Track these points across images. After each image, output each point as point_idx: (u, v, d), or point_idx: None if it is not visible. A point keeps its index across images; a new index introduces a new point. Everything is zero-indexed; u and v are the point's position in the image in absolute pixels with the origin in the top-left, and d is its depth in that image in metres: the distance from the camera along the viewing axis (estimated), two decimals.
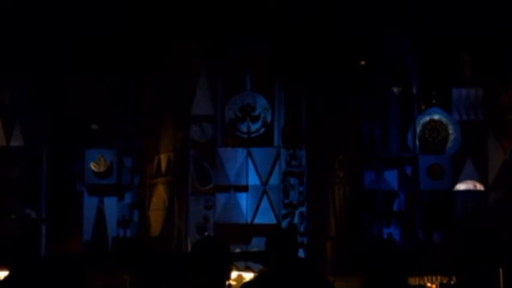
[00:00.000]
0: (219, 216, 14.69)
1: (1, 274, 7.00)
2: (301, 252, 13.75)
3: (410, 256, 14.23)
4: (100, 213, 15.47)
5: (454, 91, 15.55)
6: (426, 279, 13.28)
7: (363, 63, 15.52)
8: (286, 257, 5.52)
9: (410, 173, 15.48)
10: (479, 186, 15.27)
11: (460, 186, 15.32)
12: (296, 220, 14.69)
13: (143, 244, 14.66)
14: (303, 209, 14.75)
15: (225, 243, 5.33)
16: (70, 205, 15.59)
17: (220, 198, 14.76)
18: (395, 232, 15.26)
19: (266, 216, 14.62)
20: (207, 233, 14.42)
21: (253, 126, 14.86)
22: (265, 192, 14.74)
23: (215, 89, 15.09)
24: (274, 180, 14.76)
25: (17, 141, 15.41)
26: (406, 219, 15.37)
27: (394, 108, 15.68)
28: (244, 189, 14.74)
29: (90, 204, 15.48)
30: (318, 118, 15.02)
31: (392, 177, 15.50)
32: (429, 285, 13.30)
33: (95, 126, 15.68)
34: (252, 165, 14.75)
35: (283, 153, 14.82)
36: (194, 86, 15.08)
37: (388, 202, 15.44)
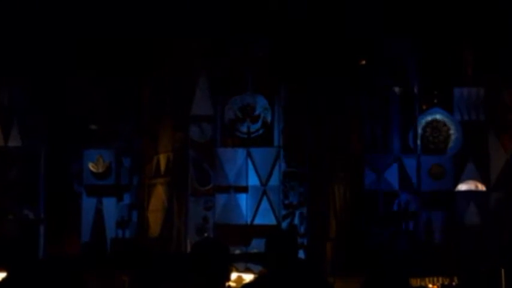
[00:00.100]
0: (218, 217, 14.70)
1: None
2: (302, 253, 13.75)
3: (412, 257, 14.23)
4: (98, 213, 15.48)
5: (456, 91, 15.56)
6: (428, 281, 13.29)
7: (363, 63, 15.53)
8: (286, 258, 5.53)
9: (412, 173, 15.47)
10: (481, 187, 15.27)
11: (462, 186, 15.32)
12: (296, 221, 14.70)
13: (142, 245, 14.74)
14: (303, 209, 14.76)
15: (224, 244, 5.34)
16: (68, 206, 15.59)
17: (220, 198, 14.77)
18: (395, 232, 15.25)
19: (266, 217, 14.63)
20: (206, 234, 14.43)
21: (253, 127, 14.87)
22: (265, 193, 14.75)
23: (215, 89, 15.09)
24: (274, 180, 14.77)
25: (14, 141, 15.42)
26: (407, 220, 15.36)
27: (395, 108, 15.67)
28: (244, 189, 14.74)
29: (88, 204, 15.48)
30: (318, 118, 15.02)
31: (393, 178, 15.49)
32: (430, 286, 13.31)
33: (94, 127, 15.68)
34: (252, 166, 14.76)
35: (283, 154, 14.83)
36: (194, 86, 15.09)
37: (389, 203, 15.44)
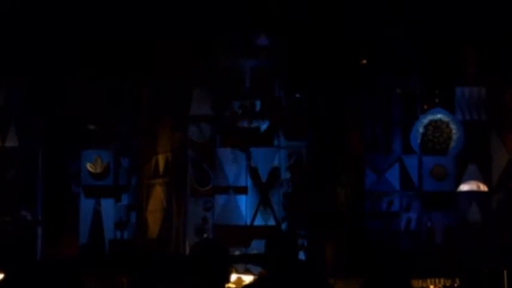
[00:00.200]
0: (218, 218, 14.70)
1: None
2: (302, 255, 13.75)
3: (413, 258, 14.23)
4: (97, 214, 15.48)
5: (457, 90, 15.54)
6: (429, 282, 13.30)
7: (364, 62, 15.53)
8: (286, 259, 5.53)
9: (413, 173, 15.47)
10: (483, 187, 15.26)
11: (464, 187, 15.31)
12: (296, 221, 14.70)
13: (141, 246, 14.74)
14: (302, 210, 14.76)
15: (224, 245, 5.34)
16: (66, 207, 15.59)
17: (219, 199, 14.77)
18: (397, 233, 15.25)
19: (266, 218, 14.63)
20: (205, 235, 14.42)
21: (254, 123, 14.86)
22: (264, 193, 14.75)
23: (214, 88, 15.10)
24: (274, 181, 14.76)
25: (12, 141, 15.41)
26: (408, 221, 15.37)
27: (397, 108, 15.67)
28: (243, 190, 14.75)
29: (86, 205, 15.48)
30: (318, 118, 15.03)
31: (394, 178, 15.49)
32: (432, 287, 13.31)
33: (92, 127, 15.68)
34: (251, 167, 14.76)
35: (284, 154, 14.83)
36: (192, 86, 15.09)
37: (390, 203, 15.43)
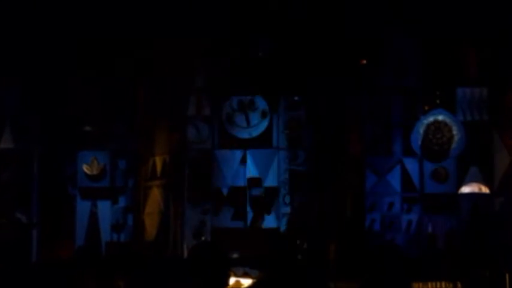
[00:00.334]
0: (216, 220, 14.69)
1: None
2: (302, 257, 13.74)
3: (414, 261, 14.23)
4: (93, 217, 15.47)
5: (459, 91, 15.53)
6: (430, 285, 13.28)
7: (364, 63, 15.53)
8: (286, 262, 5.53)
9: (414, 176, 15.47)
10: (485, 189, 15.25)
11: (465, 189, 15.30)
12: (296, 224, 14.70)
13: (137, 249, 14.73)
14: (302, 212, 14.76)
15: (222, 248, 5.34)
16: (62, 209, 15.58)
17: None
18: (398, 236, 15.25)
19: (265, 220, 14.63)
20: (203, 238, 14.43)
21: (253, 121, 14.87)
22: (264, 194, 14.75)
23: (213, 89, 15.11)
24: (273, 182, 14.76)
25: (7, 143, 15.40)
26: (409, 223, 15.37)
27: (397, 109, 15.66)
28: (242, 191, 14.75)
29: (82, 208, 15.47)
30: (318, 119, 15.04)
31: (395, 180, 15.48)
32: None
33: (88, 128, 15.67)
34: (251, 167, 14.76)
35: (283, 155, 14.83)
36: (190, 86, 15.10)
37: (391, 205, 15.43)
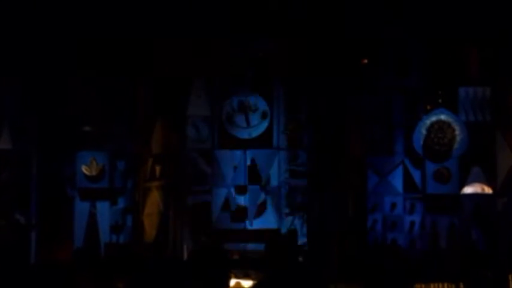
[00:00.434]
0: (216, 221, 14.70)
1: None
2: (302, 258, 13.75)
3: (416, 262, 14.22)
4: (92, 218, 15.45)
5: (461, 90, 15.51)
6: (432, 286, 13.28)
7: (365, 62, 15.52)
8: (286, 263, 5.52)
9: (416, 176, 15.46)
10: (487, 190, 15.24)
11: (468, 189, 15.29)
12: (296, 225, 14.70)
13: (137, 250, 14.72)
14: (303, 213, 14.76)
15: (223, 249, 5.34)
16: (61, 210, 15.57)
17: (218, 202, 14.77)
18: (400, 237, 15.25)
19: (266, 221, 14.63)
20: (203, 239, 14.42)
21: (253, 121, 14.88)
22: (264, 196, 14.75)
23: (212, 89, 15.12)
24: (274, 183, 14.77)
25: (5, 143, 15.39)
26: (411, 224, 15.36)
27: (399, 109, 15.65)
28: (243, 192, 14.76)
29: (81, 209, 15.46)
30: (319, 119, 15.04)
31: (397, 181, 15.47)
32: None
33: (87, 128, 15.66)
34: (250, 168, 14.76)
35: (283, 155, 14.83)
36: (190, 86, 15.10)
37: (393, 206, 15.42)
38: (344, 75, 14.92)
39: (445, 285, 13.29)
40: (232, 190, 14.70)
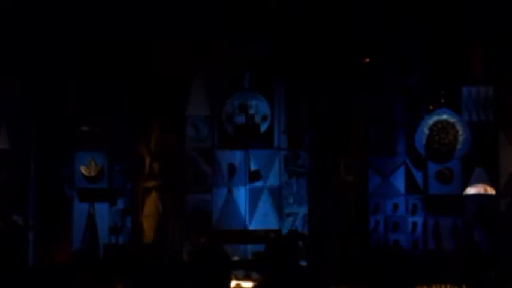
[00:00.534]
0: (216, 222, 14.69)
1: None
2: (303, 259, 13.73)
3: (419, 263, 14.21)
4: (91, 219, 15.44)
5: (464, 90, 15.49)
6: None
7: (367, 62, 15.52)
8: (286, 264, 5.51)
9: (418, 176, 15.45)
10: (490, 190, 15.23)
11: (470, 190, 15.27)
12: (297, 225, 14.70)
13: (136, 251, 14.71)
14: (304, 213, 14.76)
15: (223, 250, 5.32)
16: (59, 211, 15.56)
17: (217, 202, 14.76)
18: (402, 238, 15.24)
19: (266, 222, 14.62)
20: (203, 240, 14.41)
21: (253, 120, 14.87)
22: (264, 196, 14.74)
23: (212, 88, 15.12)
24: (274, 183, 14.76)
25: (3, 143, 15.38)
26: (414, 225, 15.35)
27: (401, 109, 15.64)
28: (243, 192, 14.76)
29: (80, 209, 15.44)
30: (320, 119, 15.04)
31: (399, 181, 15.46)
32: None
33: (85, 128, 15.65)
34: (251, 168, 14.76)
35: (284, 155, 14.82)
36: (190, 85, 15.10)
37: (395, 207, 15.41)
38: (344, 75, 14.92)
39: (448, 287, 13.29)
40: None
